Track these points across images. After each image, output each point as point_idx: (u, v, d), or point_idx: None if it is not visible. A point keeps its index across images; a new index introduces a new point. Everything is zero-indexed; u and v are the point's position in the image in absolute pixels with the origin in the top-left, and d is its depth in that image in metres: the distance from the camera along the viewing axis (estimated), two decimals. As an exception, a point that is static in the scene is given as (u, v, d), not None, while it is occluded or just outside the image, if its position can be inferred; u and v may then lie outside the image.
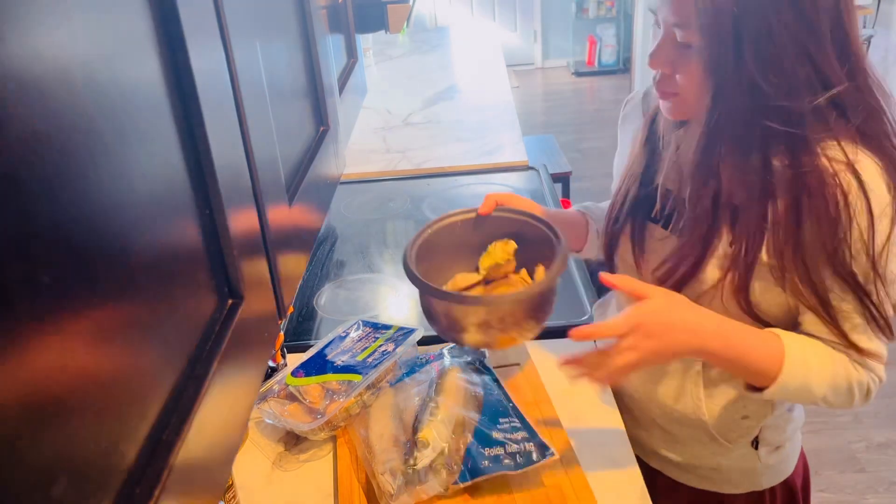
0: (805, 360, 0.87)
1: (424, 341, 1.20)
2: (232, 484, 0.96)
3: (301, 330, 1.40)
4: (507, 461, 0.94)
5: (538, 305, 0.90)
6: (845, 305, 0.86)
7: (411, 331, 1.18)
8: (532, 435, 0.98)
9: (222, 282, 0.46)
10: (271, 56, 0.61)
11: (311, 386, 1.09)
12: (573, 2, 6.23)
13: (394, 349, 1.13)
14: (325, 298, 1.49)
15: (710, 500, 1.09)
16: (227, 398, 0.44)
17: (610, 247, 1.05)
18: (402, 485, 0.93)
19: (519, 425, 1.00)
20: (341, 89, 0.92)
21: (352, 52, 1.05)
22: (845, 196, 0.80)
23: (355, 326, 1.23)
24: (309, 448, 1.09)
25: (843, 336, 0.87)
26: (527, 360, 1.21)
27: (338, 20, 0.96)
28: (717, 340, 0.84)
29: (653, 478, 1.11)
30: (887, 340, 0.88)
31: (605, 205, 1.17)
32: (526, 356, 1.22)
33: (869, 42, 3.59)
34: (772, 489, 1.08)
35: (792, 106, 0.79)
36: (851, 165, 0.81)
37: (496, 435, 0.97)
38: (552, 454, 0.96)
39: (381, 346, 1.15)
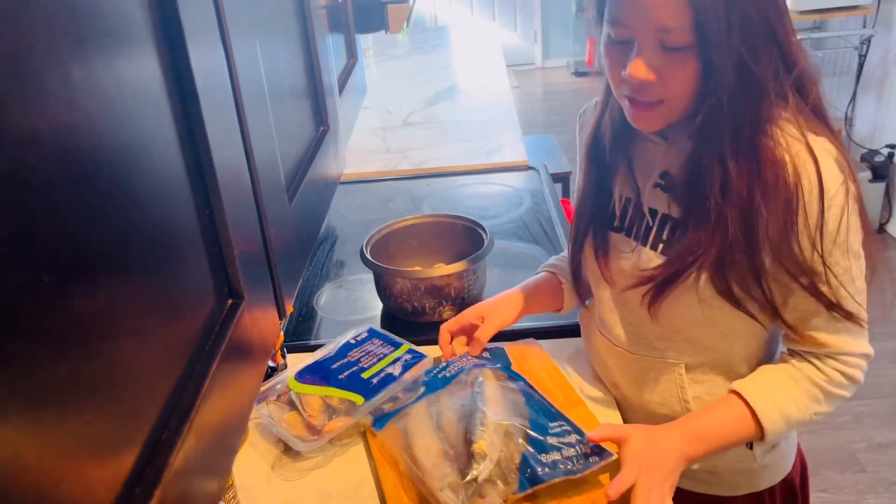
0: (773, 399, 0.91)
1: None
2: (232, 484, 0.95)
3: (301, 330, 1.40)
4: (566, 466, 0.92)
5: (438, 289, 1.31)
6: (793, 298, 0.89)
7: (420, 357, 1.14)
8: (584, 437, 0.97)
9: (222, 282, 0.46)
10: (271, 56, 0.61)
11: (313, 397, 1.07)
12: (573, 2, 6.22)
13: (399, 375, 1.10)
14: (325, 298, 1.49)
15: (710, 503, 1.09)
16: (227, 398, 0.44)
17: (575, 257, 1.08)
18: (466, 499, 0.89)
19: (569, 428, 0.99)
20: (341, 89, 0.92)
21: (352, 52, 1.05)
22: (798, 178, 0.82)
23: (366, 334, 1.21)
24: (309, 456, 1.08)
25: (793, 329, 0.90)
26: (550, 363, 1.20)
27: (338, 20, 0.96)
28: (696, 445, 0.91)
29: None
30: (860, 328, 0.90)
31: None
32: (548, 359, 1.21)
33: (869, 42, 3.58)
34: (771, 489, 1.08)
35: (768, 85, 0.81)
36: (809, 146, 0.83)
37: (550, 440, 0.96)
38: (610, 455, 0.94)
39: (387, 365, 1.12)
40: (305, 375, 1.11)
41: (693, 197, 0.88)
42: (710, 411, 0.95)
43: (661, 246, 0.94)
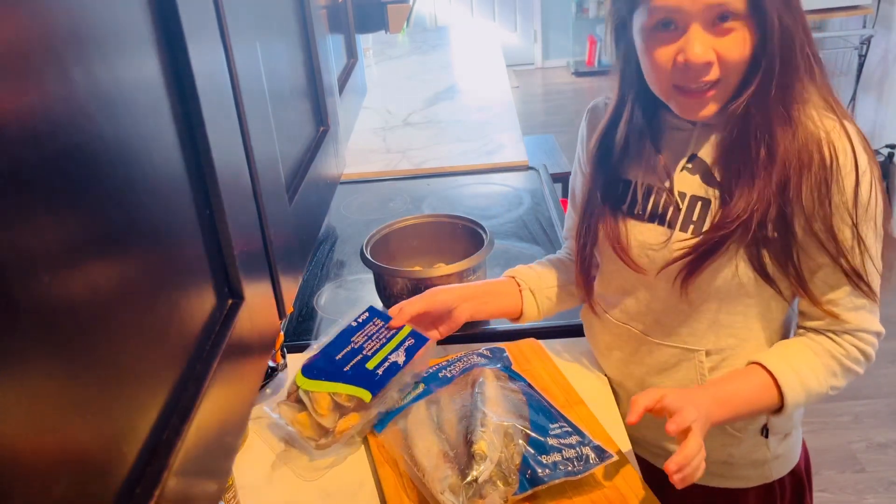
0: (795, 370, 0.93)
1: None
2: (232, 484, 0.95)
3: (301, 330, 1.40)
4: (566, 467, 0.93)
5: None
6: (820, 273, 0.91)
7: (422, 340, 1.10)
8: (584, 437, 0.97)
9: (222, 282, 0.46)
10: (271, 56, 0.61)
11: (321, 394, 1.05)
12: (573, 2, 6.23)
13: (404, 363, 1.07)
14: (325, 298, 1.49)
15: (723, 497, 1.09)
16: (227, 398, 0.44)
17: (584, 251, 1.08)
18: (466, 500, 0.89)
19: (570, 429, 0.99)
20: (341, 89, 0.92)
21: (352, 52, 1.05)
22: (835, 153, 0.85)
23: (367, 314, 1.15)
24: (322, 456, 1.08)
25: (817, 304, 0.93)
26: (550, 363, 1.20)
27: (338, 20, 0.96)
28: (720, 409, 0.92)
29: (662, 479, 1.11)
30: (874, 304, 0.93)
31: (538, 265, 1.21)
32: (549, 359, 1.21)
33: (869, 42, 3.58)
34: (781, 480, 1.09)
35: (800, 53, 0.85)
36: (843, 125, 0.86)
37: (551, 441, 0.96)
38: (610, 456, 0.94)
39: (390, 352, 1.08)
40: (312, 370, 1.09)
41: (740, 161, 0.90)
42: (734, 378, 0.97)
43: (691, 227, 0.95)
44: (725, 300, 0.96)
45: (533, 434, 0.97)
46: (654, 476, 1.06)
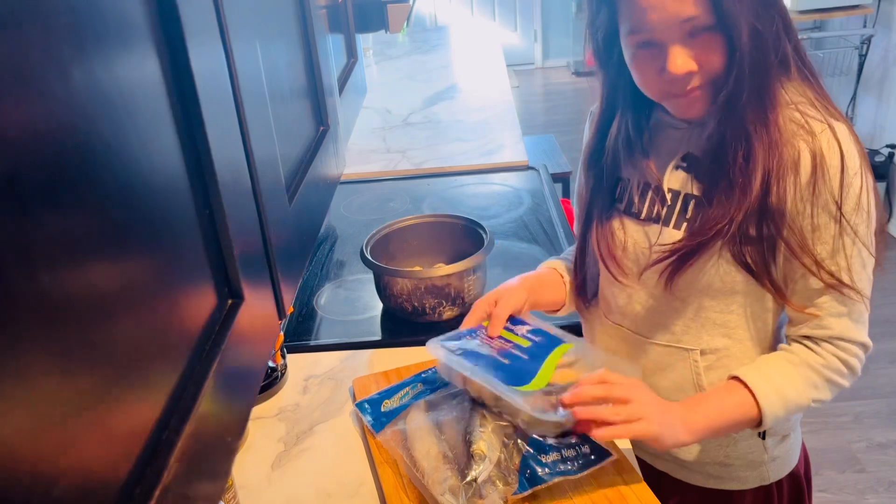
0: (771, 381, 0.93)
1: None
2: (232, 484, 0.96)
3: (301, 330, 1.40)
4: (565, 467, 0.93)
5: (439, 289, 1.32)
6: (806, 276, 0.90)
7: (518, 320, 1.04)
8: (584, 437, 0.97)
9: (222, 282, 0.46)
10: (271, 56, 0.61)
11: (552, 373, 0.95)
12: (573, 1, 6.22)
13: (538, 329, 1.02)
14: (325, 298, 1.49)
15: (719, 498, 1.09)
16: (227, 398, 0.44)
17: (582, 250, 1.10)
18: (465, 501, 0.89)
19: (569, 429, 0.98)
20: (341, 89, 0.92)
21: (352, 52, 1.05)
22: (822, 156, 0.86)
23: (456, 343, 1.02)
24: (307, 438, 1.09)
25: (800, 310, 0.93)
26: None
27: (338, 20, 0.96)
28: (697, 415, 0.92)
29: (660, 480, 1.11)
30: (858, 311, 0.92)
31: (569, 259, 1.21)
32: None
33: (869, 42, 3.58)
34: (779, 482, 1.09)
35: (774, 49, 0.87)
36: (832, 128, 0.87)
37: (550, 441, 0.96)
38: (610, 456, 0.95)
39: (518, 335, 1.01)
40: (516, 377, 0.94)
41: (717, 168, 0.91)
42: (710, 394, 0.98)
43: (684, 224, 0.96)
44: (716, 298, 0.96)
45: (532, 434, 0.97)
46: (651, 476, 1.06)
